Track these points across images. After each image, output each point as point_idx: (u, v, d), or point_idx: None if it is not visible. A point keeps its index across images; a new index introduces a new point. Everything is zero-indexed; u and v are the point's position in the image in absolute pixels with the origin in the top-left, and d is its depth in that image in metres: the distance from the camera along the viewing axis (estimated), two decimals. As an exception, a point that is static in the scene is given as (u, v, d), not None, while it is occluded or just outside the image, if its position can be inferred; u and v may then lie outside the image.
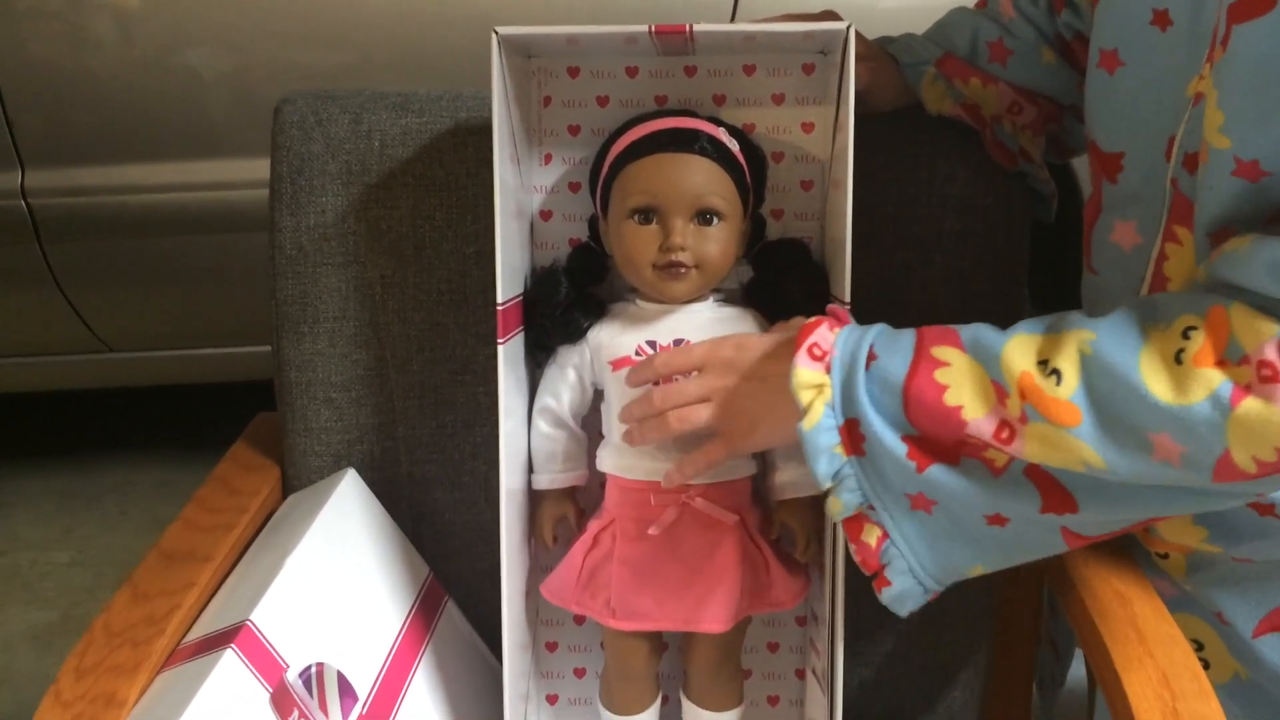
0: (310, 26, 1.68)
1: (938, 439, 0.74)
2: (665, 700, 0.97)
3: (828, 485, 0.77)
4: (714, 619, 0.89)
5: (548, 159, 0.94)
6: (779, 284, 0.91)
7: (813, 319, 0.79)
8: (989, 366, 0.72)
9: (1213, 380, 0.65)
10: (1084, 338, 0.69)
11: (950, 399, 0.72)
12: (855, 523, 0.78)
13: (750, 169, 0.90)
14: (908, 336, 0.76)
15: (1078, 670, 1.10)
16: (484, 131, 0.97)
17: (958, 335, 0.75)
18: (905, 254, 0.98)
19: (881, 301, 0.94)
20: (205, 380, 2.06)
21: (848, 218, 0.82)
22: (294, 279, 0.98)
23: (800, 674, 1.01)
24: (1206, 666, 0.90)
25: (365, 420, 1.01)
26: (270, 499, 1.00)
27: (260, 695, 0.75)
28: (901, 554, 0.78)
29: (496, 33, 0.80)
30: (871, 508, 0.77)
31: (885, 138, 0.97)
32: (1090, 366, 0.68)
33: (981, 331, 0.74)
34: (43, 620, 1.94)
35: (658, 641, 0.95)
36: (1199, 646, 0.90)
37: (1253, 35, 0.66)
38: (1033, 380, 0.70)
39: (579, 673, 1.02)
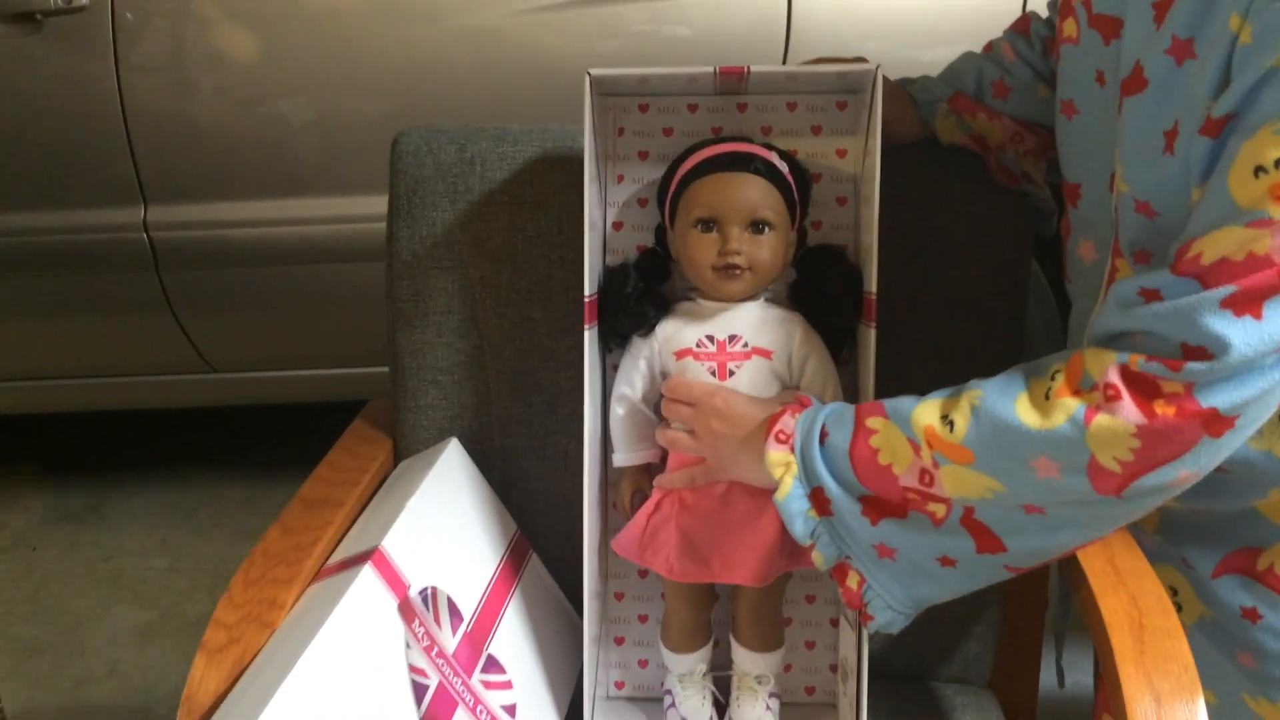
0: (376, 79, 1.85)
1: (885, 496, 0.89)
2: (716, 643, 1.11)
3: (808, 543, 0.93)
4: (755, 575, 1.00)
5: (620, 179, 1.09)
6: (820, 282, 1.05)
7: (779, 409, 0.94)
8: (903, 427, 0.87)
9: (1070, 406, 0.79)
10: (974, 395, 0.84)
11: (883, 459, 0.87)
12: (840, 571, 0.94)
13: (797, 186, 1.03)
14: (849, 412, 0.91)
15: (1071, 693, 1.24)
16: (567, 159, 1.14)
17: (882, 406, 0.90)
18: (925, 261, 1.12)
19: (906, 302, 1.11)
20: (298, 400, 2.21)
21: (874, 227, 0.98)
22: (408, 280, 1.15)
23: (834, 622, 1.14)
24: (1180, 609, 1.03)
25: (465, 399, 1.17)
26: (385, 463, 1.17)
27: (390, 603, 0.92)
28: (879, 594, 0.93)
29: (590, 74, 0.97)
30: (848, 558, 0.93)
31: (907, 164, 1.10)
32: (977, 415, 0.83)
33: (901, 401, 0.89)
34: (145, 619, 2.11)
35: (710, 592, 1.09)
36: (1174, 592, 1.04)
37: (1135, 106, 0.84)
38: (934, 431, 0.84)
39: (642, 618, 1.16)
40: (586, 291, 1.01)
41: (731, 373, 1.01)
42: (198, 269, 1.97)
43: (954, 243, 1.12)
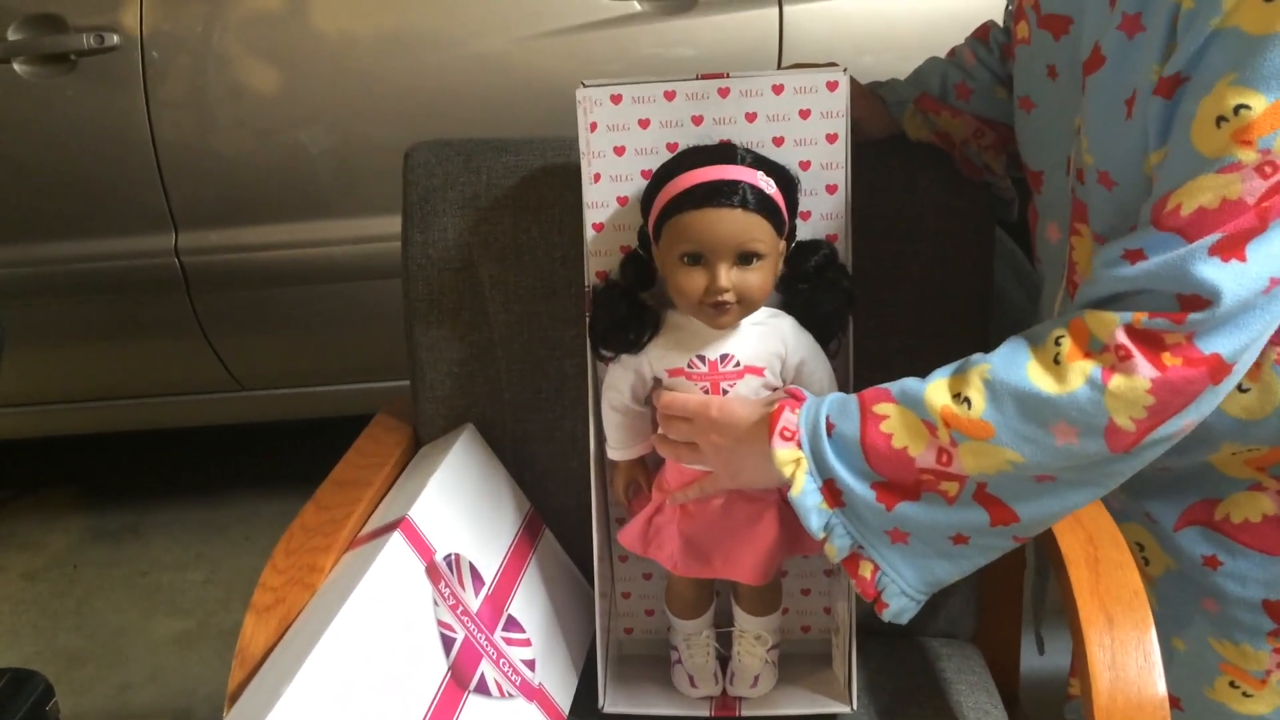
0: (389, 107, 1.94)
1: (899, 480, 0.91)
2: (717, 594, 1.19)
3: (821, 536, 0.94)
4: (756, 575, 1.07)
5: (596, 178, 1.07)
6: (810, 292, 1.06)
7: (775, 405, 0.95)
8: (917, 410, 0.89)
9: (1086, 368, 0.82)
10: (983, 369, 0.86)
11: (897, 443, 0.89)
12: (852, 561, 0.95)
13: (787, 204, 1.01)
14: (852, 402, 0.92)
15: (1055, 662, 1.31)
16: (565, 166, 1.23)
17: (889, 392, 0.91)
18: (896, 245, 1.19)
19: (881, 281, 1.19)
20: (325, 414, 2.27)
21: (847, 216, 1.08)
22: (423, 281, 1.25)
23: (827, 573, 1.21)
24: (1146, 564, 1.11)
25: (478, 388, 1.26)
26: (408, 449, 1.27)
27: (418, 566, 1.02)
28: (892, 580, 0.94)
29: (584, 84, 1.05)
30: (861, 547, 0.94)
31: (879, 158, 1.19)
32: (993, 388, 0.85)
33: (907, 384, 0.91)
34: (183, 628, 2.19)
35: None
36: (1140, 548, 1.11)
37: (1097, 83, 0.91)
38: (951, 411, 0.87)
39: (647, 577, 1.24)
40: (587, 282, 1.10)
41: (725, 392, 1.03)
42: (226, 291, 2.06)
43: (923, 228, 1.20)
